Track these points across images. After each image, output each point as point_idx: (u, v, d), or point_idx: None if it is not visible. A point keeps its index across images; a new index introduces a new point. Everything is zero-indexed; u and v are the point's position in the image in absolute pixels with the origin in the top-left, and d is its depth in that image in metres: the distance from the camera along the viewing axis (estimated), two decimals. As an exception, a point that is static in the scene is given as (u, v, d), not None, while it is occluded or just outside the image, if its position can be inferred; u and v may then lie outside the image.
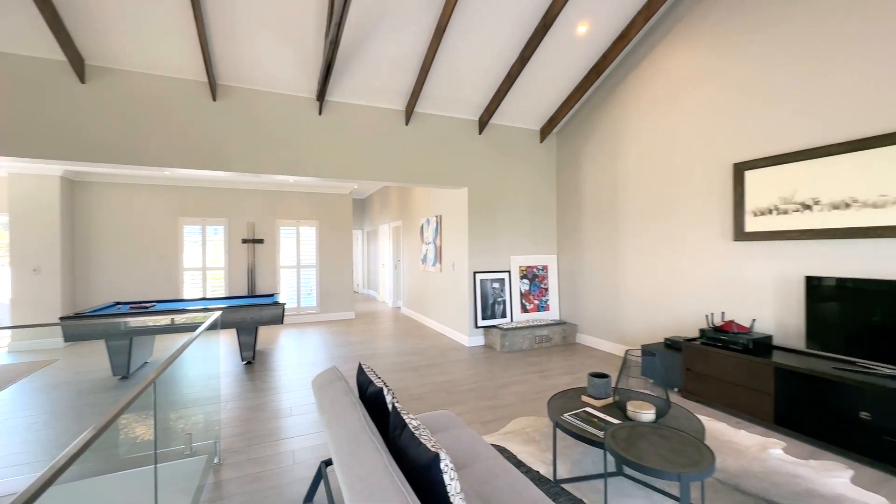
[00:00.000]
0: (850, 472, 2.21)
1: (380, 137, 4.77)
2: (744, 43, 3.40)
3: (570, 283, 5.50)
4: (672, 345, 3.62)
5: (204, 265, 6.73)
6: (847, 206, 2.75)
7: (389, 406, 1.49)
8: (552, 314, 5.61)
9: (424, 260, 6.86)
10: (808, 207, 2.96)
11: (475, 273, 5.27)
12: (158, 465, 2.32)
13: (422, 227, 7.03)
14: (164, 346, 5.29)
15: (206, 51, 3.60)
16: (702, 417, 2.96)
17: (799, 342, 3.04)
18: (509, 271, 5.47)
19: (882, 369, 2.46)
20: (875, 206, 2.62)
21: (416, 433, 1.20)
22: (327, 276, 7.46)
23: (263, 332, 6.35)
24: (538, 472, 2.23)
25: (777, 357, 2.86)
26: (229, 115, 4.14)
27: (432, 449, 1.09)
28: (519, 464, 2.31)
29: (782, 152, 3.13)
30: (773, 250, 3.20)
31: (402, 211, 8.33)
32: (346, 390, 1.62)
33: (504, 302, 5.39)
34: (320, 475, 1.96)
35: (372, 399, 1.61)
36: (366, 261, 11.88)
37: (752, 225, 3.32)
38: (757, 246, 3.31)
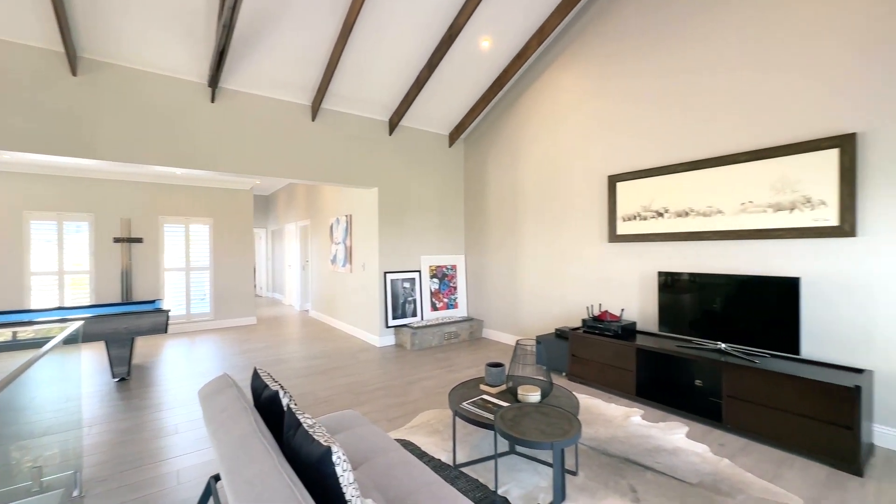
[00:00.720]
0: (686, 429, 2.75)
1: (284, 131, 4.52)
2: (615, 73, 3.97)
3: (476, 281, 5.83)
4: (561, 334, 4.07)
5: (61, 268, 5.66)
6: (686, 214, 3.40)
7: (285, 408, 1.46)
8: (461, 311, 5.88)
9: (334, 260, 6.66)
10: (660, 215, 3.58)
11: (386, 273, 5.29)
12: (-7, 508, 1.93)
13: (331, 227, 6.82)
14: (3, 367, 4.32)
15: (61, 16, 3.06)
16: (581, 395, 3.39)
17: (654, 327, 3.66)
18: (419, 271, 5.60)
19: (709, 345, 3.10)
20: (705, 214, 3.29)
21: (311, 431, 1.21)
22: (224, 278, 6.81)
23: (143, 343, 5.57)
24: (440, 459, 2.36)
25: (639, 340, 3.41)
26: (95, 94, 3.57)
27: (324, 443, 1.11)
28: (422, 454, 2.41)
29: (643, 168, 3.73)
30: (637, 250, 3.80)
31: (310, 210, 7.97)
32: (238, 397, 1.55)
33: (415, 301, 5.50)
34: (209, 492, 1.83)
35: (267, 404, 1.56)
36: (270, 262, 11.07)
37: (622, 229, 3.89)
38: (626, 246, 3.90)
